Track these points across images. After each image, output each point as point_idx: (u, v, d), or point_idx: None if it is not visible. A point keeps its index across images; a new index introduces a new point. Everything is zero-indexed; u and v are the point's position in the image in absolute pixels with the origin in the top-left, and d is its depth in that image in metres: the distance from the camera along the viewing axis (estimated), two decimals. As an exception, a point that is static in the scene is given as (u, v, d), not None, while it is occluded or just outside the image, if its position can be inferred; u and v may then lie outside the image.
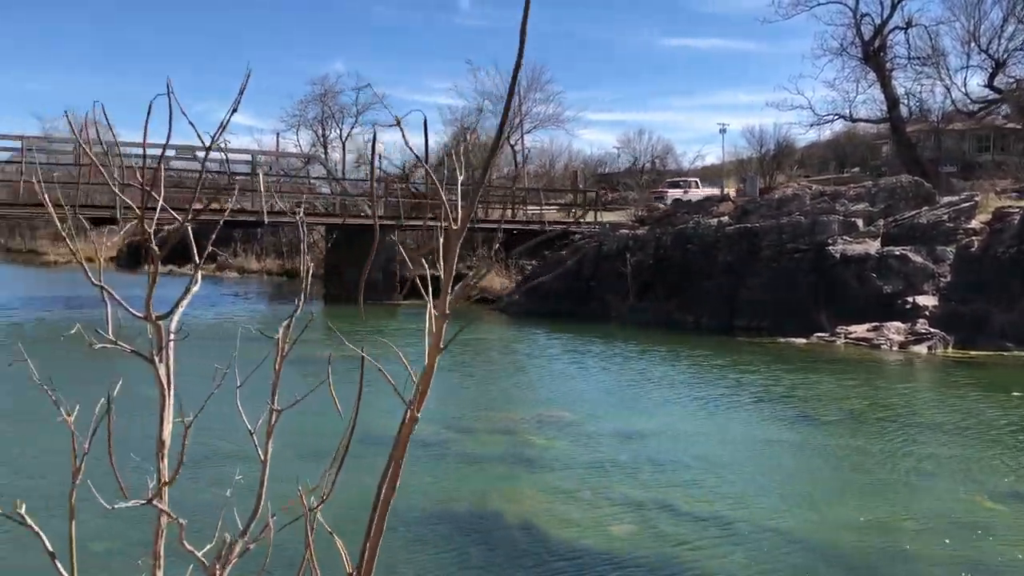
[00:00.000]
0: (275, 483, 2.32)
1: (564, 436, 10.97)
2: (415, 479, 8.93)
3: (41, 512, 2.26)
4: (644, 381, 15.94)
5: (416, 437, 7.46)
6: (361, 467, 2.86)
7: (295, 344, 2.22)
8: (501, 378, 16.31)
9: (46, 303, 30.10)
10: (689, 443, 11.08)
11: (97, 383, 2.30)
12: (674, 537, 7.64)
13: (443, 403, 13.53)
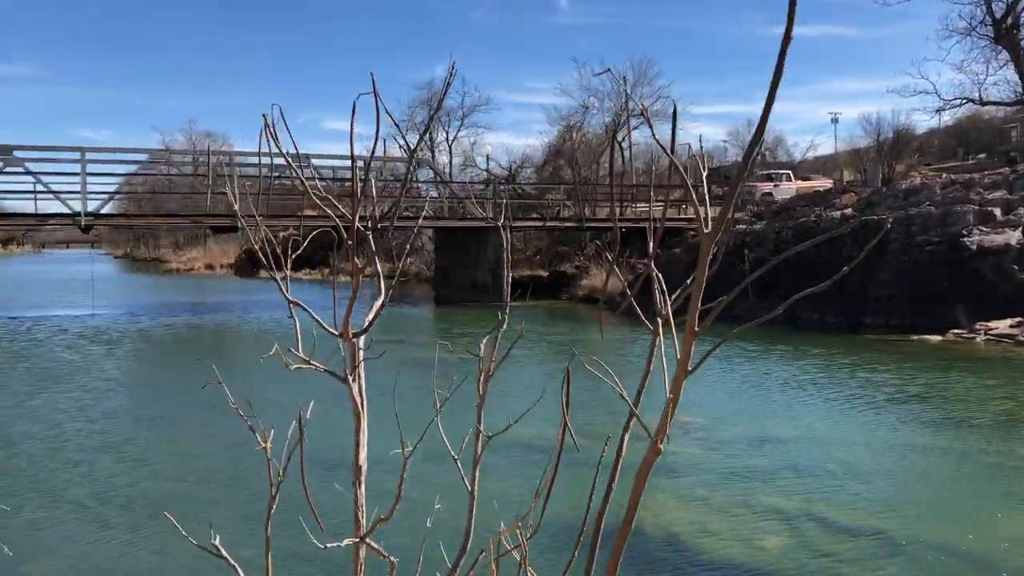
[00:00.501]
0: (451, 506, 2.15)
1: (693, 441, 10.58)
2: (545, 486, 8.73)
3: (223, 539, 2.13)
4: (770, 382, 15.35)
5: (537, 441, 7.23)
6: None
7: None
8: (618, 380, 15.98)
9: (180, 309, 31.38)
10: (827, 447, 10.53)
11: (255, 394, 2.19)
12: (822, 548, 7.21)
13: (554, 407, 13.33)
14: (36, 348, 20.39)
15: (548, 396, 8.67)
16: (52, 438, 11.25)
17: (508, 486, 8.80)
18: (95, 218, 27.14)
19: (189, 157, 43.17)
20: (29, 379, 16.01)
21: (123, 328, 24.86)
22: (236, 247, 66.89)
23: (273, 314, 28.61)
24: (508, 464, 9.71)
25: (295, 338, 2.08)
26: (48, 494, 8.76)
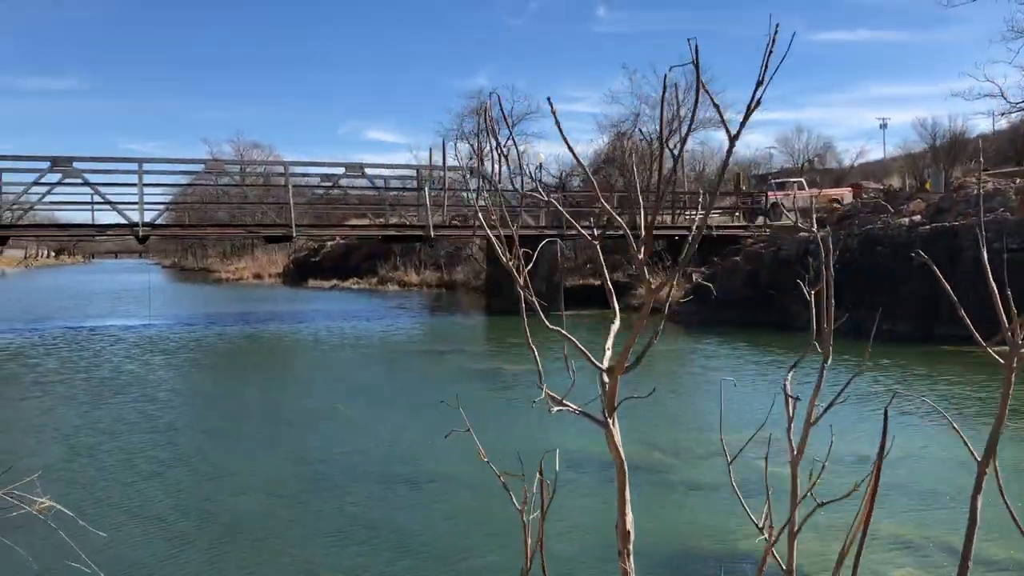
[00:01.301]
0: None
1: (783, 460, 10.08)
2: (643, 511, 8.33)
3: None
4: (847, 395, 14.74)
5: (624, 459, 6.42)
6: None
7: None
8: (688, 392, 15.51)
9: (235, 318, 31.46)
10: (924, 465, 9.98)
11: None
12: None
13: (637, 420, 12.91)
14: (96, 358, 20.45)
15: (643, 414, 7.93)
16: (120, 450, 11.10)
17: (591, 508, 8.41)
18: (151, 228, 27.31)
19: (242, 168, 43.51)
20: (91, 389, 15.99)
21: (181, 338, 24.92)
22: (283, 257, 67.41)
23: (329, 324, 28.55)
24: (599, 484, 9.33)
25: (538, 377, 1.73)
26: (125, 509, 8.56)
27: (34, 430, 12.34)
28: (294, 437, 11.90)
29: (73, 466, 10.29)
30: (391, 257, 53.79)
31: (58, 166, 25.85)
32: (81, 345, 23.06)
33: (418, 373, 18.07)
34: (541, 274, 31.48)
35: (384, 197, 31.22)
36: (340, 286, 52.77)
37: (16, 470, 9.60)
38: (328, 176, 30.56)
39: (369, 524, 8.15)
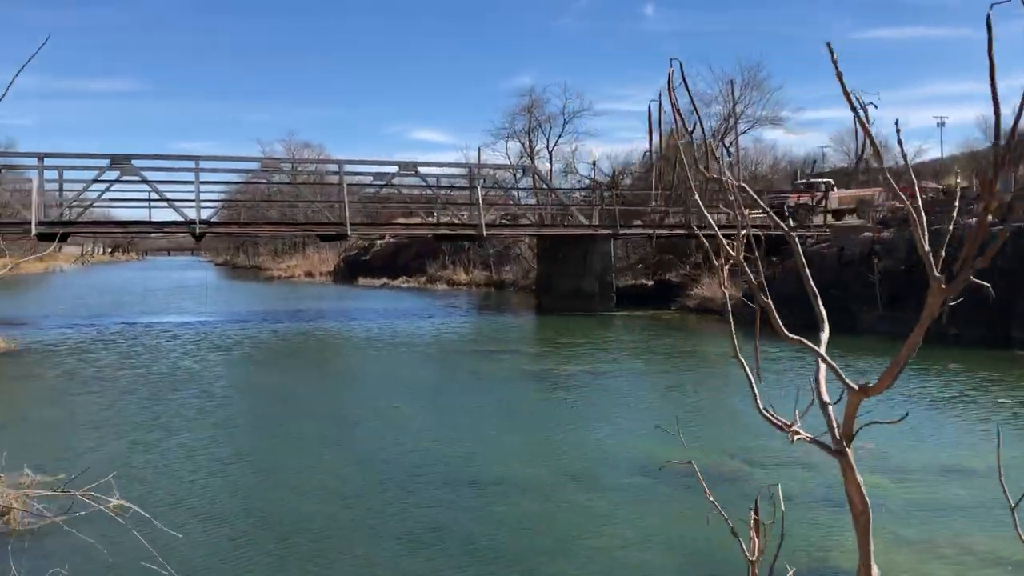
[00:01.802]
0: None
1: (873, 469, 9.65)
2: (720, 522, 7.99)
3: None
4: (922, 401, 14.21)
5: (689, 469, 6.13)
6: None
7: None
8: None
9: (288, 316, 31.64)
10: (1016, 476, 9.49)
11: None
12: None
13: (707, 427, 12.55)
14: (155, 354, 20.61)
15: (705, 418, 7.45)
16: (182, 446, 11.06)
17: (674, 518, 8.11)
18: (208, 226, 27.53)
19: (298, 166, 43.88)
20: (152, 385, 16.06)
21: (236, 334, 25.05)
22: (334, 255, 67.83)
23: (381, 322, 28.55)
24: (671, 492, 9.02)
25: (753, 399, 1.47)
26: (190, 507, 8.47)
27: (99, 426, 12.38)
28: (354, 436, 11.77)
29: (138, 463, 10.26)
30: (440, 256, 53.79)
31: (117, 163, 26.17)
32: (140, 340, 23.30)
33: (473, 373, 17.85)
34: (594, 273, 31.14)
35: (436, 195, 31.11)
36: (390, 284, 52.90)
37: (87, 467, 9.58)
38: (381, 174, 30.56)
39: (433, 526, 7.95)
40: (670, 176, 39.34)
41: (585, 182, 47.35)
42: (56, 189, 27.67)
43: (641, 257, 39.72)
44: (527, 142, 53.61)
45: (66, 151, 27.47)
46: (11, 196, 27.00)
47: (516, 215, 38.58)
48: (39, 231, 25.25)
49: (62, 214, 27.27)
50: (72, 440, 11.44)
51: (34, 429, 12.17)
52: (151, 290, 49.67)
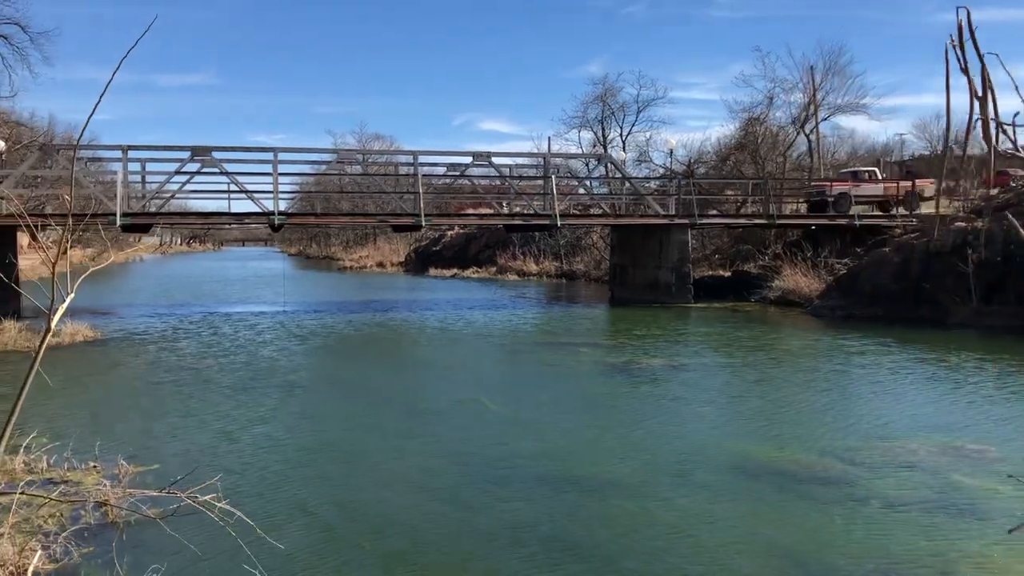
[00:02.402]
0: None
1: (984, 474, 9.10)
2: (829, 529, 7.61)
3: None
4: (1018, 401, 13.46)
5: (785, 468, 5.70)
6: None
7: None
8: (841, 392, 14.46)
9: (364, 306, 31.87)
10: None
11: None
12: None
13: (793, 422, 12.08)
14: (234, 343, 20.88)
15: (792, 413, 6.95)
16: (269, 439, 11.06)
17: (766, 520, 7.74)
18: (286, 217, 27.83)
19: (369, 157, 44.17)
20: (232, 374, 16.21)
21: (314, 324, 25.27)
22: (405, 245, 68.37)
23: (454, 312, 28.51)
24: (770, 492, 8.63)
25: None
26: (282, 503, 8.40)
27: (185, 415, 12.50)
28: (438, 429, 11.63)
29: (225, 453, 10.28)
30: (510, 246, 53.68)
31: (198, 155, 26.61)
32: (221, 329, 23.67)
33: (552, 365, 17.60)
34: (670, 264, 30.59)
35: (510, 186, 30.91)
36: (460, 275, 53.02)
37: (175, 456, 9.61)
38: (455, 165, 30.50)
39: (524, 523, 7.74)
40: (753, 165, 38.46)
41: (659, 171, 46.63)
42: (139, 181, 28.31)
43: (717, 247, 38.93)
44: (600, 131, 53.10)
45: (147, 144, 28.05)
46: (96, 188, 27.65)
47: (586, 205, 38.16)
48: (123, 222, 25.84)
49: (144, 206, 27.86)
50: (160, 429, 11.55)
51: (123, 418, 12.34)
52: (229, 279, 50.69)
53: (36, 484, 8.33)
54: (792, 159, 43.76)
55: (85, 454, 9.51)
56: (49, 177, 29.51)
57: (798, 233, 34.59)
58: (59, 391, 13.35)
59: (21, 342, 19.40)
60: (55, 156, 28.45)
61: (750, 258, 35.35)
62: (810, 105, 41.79)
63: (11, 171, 27.46)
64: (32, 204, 29.94)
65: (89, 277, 5.07)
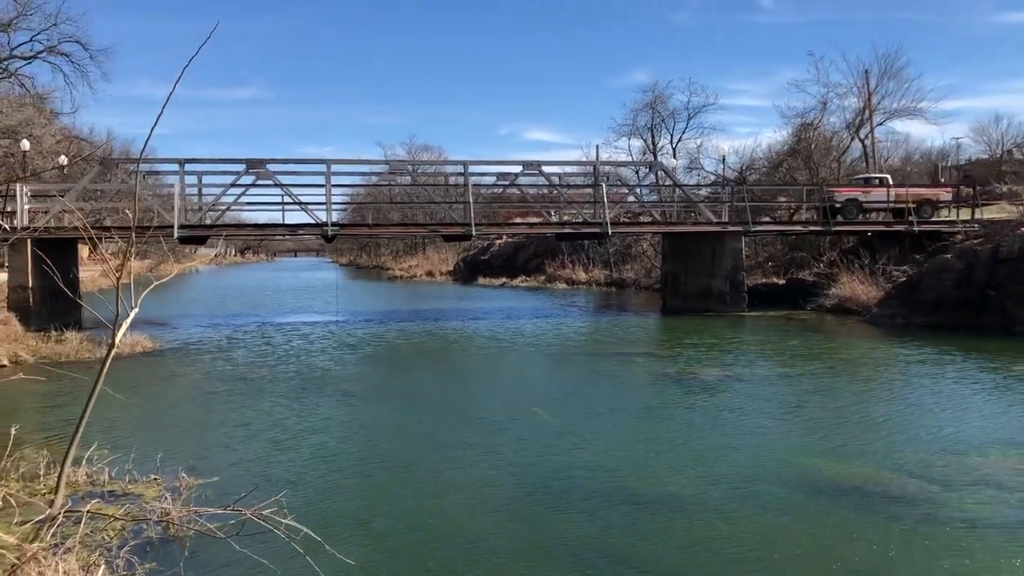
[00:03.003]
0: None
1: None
2: (909, 552, 7.31)
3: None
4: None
5: (856, 483, 5.35)
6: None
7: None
8: (907, 404, 14.03)
9: (415, 315, 31.99)
10: None
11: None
12: None
13: (862, 436, 11.72)
14: (289, 353, 21.03)
15: (849, 424, 6.57)
16: (327, 451, 11.05)
17: (841, 540, 7.46)
18: (339, 228, 28.06)
19: (418, 168, 44.38)
20: (287, 384, 16.30)
21: (367, 334, 25.40)
22: (453, 255, 68.62)
23: (504, 321, 28.43)
24: (842, 509, 8.36)
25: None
26: (344, 517, 8.35)
27: (242, 426, 12.57)
28: (494, 441, 11.52)
29: (282, 465, 10.29)
30: (559, 255, 53.50)
31: (252, 168, 26.97)
32: (276, 340, 23.89)
33: (606, 375, 17.40)
34: (723, 272, 30.15)
35: (560, 194, 30.79)
36: (509, 284, 52.98)
37: (232, 467, 9.62)
38: (504, 174, 30.49)
39: (585, 540, 7.58)
40: (807, 171, 37.81)
41: (710, 178, 46.15)
42: (195, 194, 28.79)
43: (770, 255, 38.32)
44: (650, 138, 52.72)
45: (201, 157, 28.55)
46: (154, 201, 28.17)
47: (636, 212, 37.85)
48: (181, 234, 26.29)
49: (201, 218, 28.31)
50: (218, 440, 11.63)
51: (182, 429, 12.46)
52: (283, 290, 51.31)
53: (99, 497, 8.41)
54: (846, 165, 42.90)
55: (146, 466, 9.59)
56: (108, 191, 30.15)
57: (854, 240, 33.88)
58: (119, 402, 13.50)
59: (83, 352, 19.79)
60: (114, 170, 29.06)
61: (805, 265, 34.72)
62: (865, 109, 40.97)
63: (72, 185, 28.12)
64: (92, 217, 30.61)
65: (146, 288, 5.05)
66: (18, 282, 24.80)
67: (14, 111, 42.41)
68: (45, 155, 41.42)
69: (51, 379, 13.13)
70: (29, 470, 8.86)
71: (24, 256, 24.62)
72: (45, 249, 23.97)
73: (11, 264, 25.69)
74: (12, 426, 8.21)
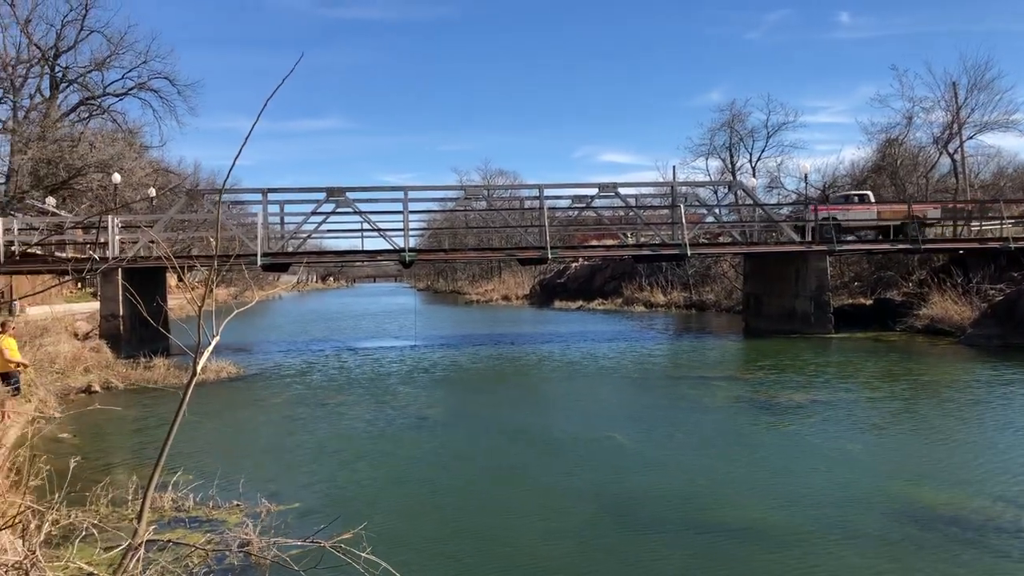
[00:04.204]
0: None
1: None
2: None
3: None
4: None
5: (959, 515, 4.82)
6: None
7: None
8: (1020, 431, 13.29)
9: (488, 339, 32.00)
10: None
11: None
12: None
13: (965, 465, 11.11)
14: (370, 379, 21.19)
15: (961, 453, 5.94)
16: (400, 474, 11.01)
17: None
18: (416, 253, 28.28)
19: (493, 192, 44.65)
20: (368, 410, 16.36)
21: (445, 359, 25.46)
22: (529, 278, 68.66)
23: (581, 345, 28.18)
24: (948, 543, 7.89)
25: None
26: (415, 540, 8.26)
27: (322, 451, 12.64)
28: (573, 467, 11.30)
29: (360, 491, 10.28)
30: (636, 277, 52.98)
31: (332, 196, 27.44)
32: (357, 365, 24.13)
33: (687, 400, 16.98)
34: (807, 292, 29.35)
35: (637, 216, 30.48)
36: (586, 307, 52.64)
37: (314, 501, 9.62)
38: (580, 197, 30.35)
39: (664, 571, 7.30)
40: (893, 188, 36.65)
41: (791, 197, 45.13)
42: (277, 223, 29.43)
43: (856, 274, 37.20)
44: (728, 157, 51.97)
45: (283, 186, 29.19)
46: (238, 230, 28.90)
47: (715, 233, 37.20)
48: (264, 262, 26.87)
49: (283, 245, 28.91)
50: (298, 466, 11.70)
51: (264, 454, 12.59)
52: (362, 315, 52.05)
53: (183, 523, 8.50)
54: (934, 180, 41.46)
55: (229, 491, 9.68)
56: (195, 221, 31.08)
57: (944, 258, 32.63)
58: (204, 427, 13.77)
59: (171, 379, 20.28)
60: (200, 201, 29.95)
61: (893, 285, 33.57)
62: (953, 123, 39.58)
63: (160, 216, 29.05)
64: (180, 247, 31.57)
65: (229, 315, 5.05)
66: (109, 311, 25.66)
67: (107, 146, 44.23)
68: (135, 187, 43.06)
69: (140, 405, 13.47)
70: (118, 495, 9.02)
71: (115, 285, 25.47)
72: (135, 278, 24.79)
73: (103, 293, 26.62)
74: (103, 452, 8.37)
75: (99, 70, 49.96)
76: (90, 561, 5.20)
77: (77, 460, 7.43)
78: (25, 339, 19.77)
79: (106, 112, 51.83)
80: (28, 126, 45.04)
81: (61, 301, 37.51)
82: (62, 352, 21.32)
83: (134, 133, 51.80)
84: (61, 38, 48.29)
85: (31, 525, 5.02)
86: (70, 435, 13.48)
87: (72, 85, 50.35)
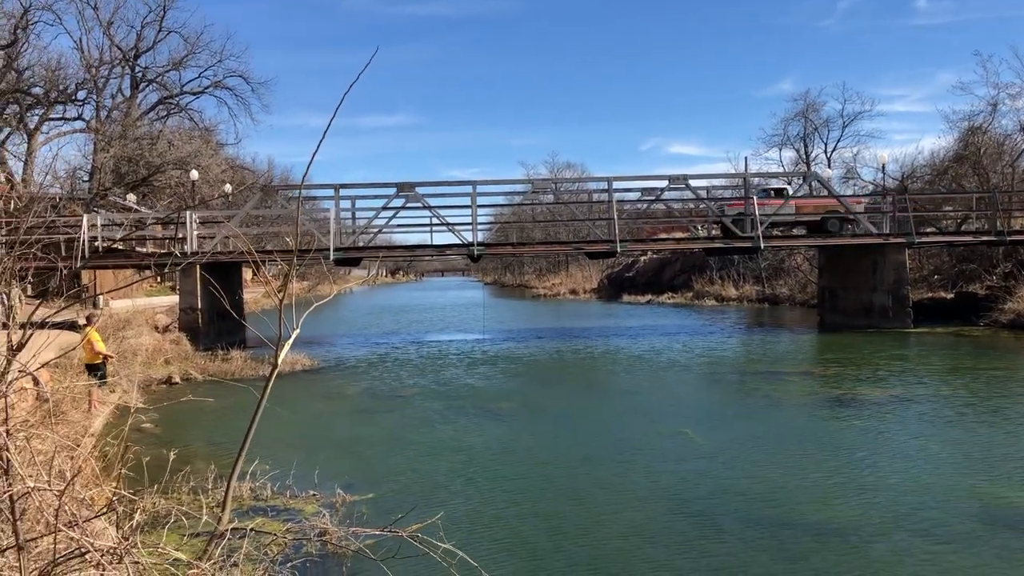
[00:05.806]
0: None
1: None
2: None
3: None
4: None
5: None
6: None
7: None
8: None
9: (557, 333, 31.98)
10: None
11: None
12: None
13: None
14: (440, 372, 21.38)
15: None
16: (473, 468, 11.06)
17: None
18: (484, 247, 28.38)
19: (560, 186, 44.53)
20: (439, 402, 16.50)
21: (514, 353, 25.52)
22: (597, 272, 68.31)
23: (651, 340, 27.93)
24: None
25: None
26: (491, 535, 8.28)
27: (395, 442, 12.79)
28: (645, 463, 11.20)
29: (433, 484, 10.36)
30: (707, 270, 52.24)
31: (402, 191, 27.70)
32: (427, 358, 24.36)
33: (761, 396, 16.67)
34: (885, 286, 28.57)
35: (708, 208, 30.03)
36: (655, 301, 52.14)
37: (388, 492, 9.74)
38: (649, 189, 30.05)
39: (741, 569, 7.17)
40: (976, 178, 35.37)
41: (868, 188, 43.93)
42: (349, 218, 29.85)
43: (936, 267, 36.03)
44: (803, 148, 50.89)
45: (354, 182, 29.61)
46: (311, 225, 29.40)
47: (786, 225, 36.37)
48: (336, 256, 27.29)
49: (354, 240, 29.31)
50: (373, 457, 11.86)
51: (339, 445, 12.79)
52: (432, 308, 52.50)
53: (262, 512, 8.68)
54: (1020, 170, 39.83)
55: (305, 481, 9.85)
56: (269, 216, 31.73)
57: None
58: (280, 418, 14.03)
59: (247, 371, 20.76)
60: (274, 196, 30.56)
61: (975, 278, 32.41)
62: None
63: (236, 211, 29.74)
64: (254, 242, 32.28)
65: (304, 309, 5.13)
66: (188, 304, 26.38)
67: (184, 143, 45.51)
68: (212, 184, 44.20)
69: (218, 396, 13.78)
70: (199, 483, 9.26)
71: (193, 279, 26.17)
72: (212, 272, 25.42)
73: (182, 287, 27.39)
74: (183, 441, 8.59)
75: (176, 69, 51.47)
76: (177, 547, 5.34)
77: (168, 450, 7.67)
78: (108, 332, 20.47)
79: (183, 110, 53.37)
80: (110, 125, 46.65)
81: (142, 295, 38.74)
82: (144, 344, 21.99)
83: (210, 131, 53.20)
84: (141, 39, 49.93)
85: (121, 512, 5.18)
86: (152, 424, 13.90)
87: (151, 84, 51.98)
